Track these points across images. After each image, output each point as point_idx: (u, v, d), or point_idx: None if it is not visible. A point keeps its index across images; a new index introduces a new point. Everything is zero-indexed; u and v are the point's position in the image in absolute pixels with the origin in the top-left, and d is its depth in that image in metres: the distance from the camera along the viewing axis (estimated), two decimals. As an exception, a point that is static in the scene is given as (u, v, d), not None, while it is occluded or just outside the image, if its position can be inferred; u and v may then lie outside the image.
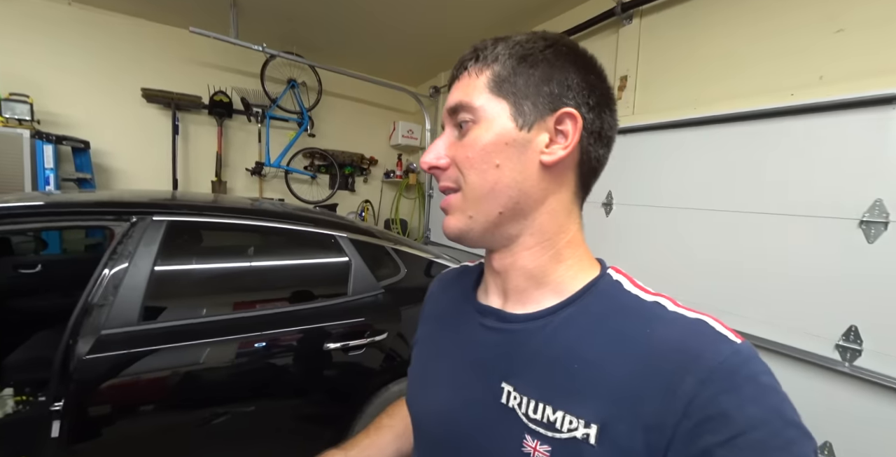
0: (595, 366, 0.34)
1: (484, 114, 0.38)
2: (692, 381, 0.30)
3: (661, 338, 0.33)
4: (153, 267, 1.12)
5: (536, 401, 0.35)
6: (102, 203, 1.19)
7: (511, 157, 0.37)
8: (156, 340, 1.07)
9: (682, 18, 1.92)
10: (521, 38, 0.39)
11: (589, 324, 0.36)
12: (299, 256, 1.51)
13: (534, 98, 0.37)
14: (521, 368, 0.38)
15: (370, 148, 4.12)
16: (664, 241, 1.85)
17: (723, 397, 0.29)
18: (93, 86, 2.84)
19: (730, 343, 0.31)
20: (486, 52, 0.39)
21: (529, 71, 0.38)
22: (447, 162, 0.40)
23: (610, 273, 0.40)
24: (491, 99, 0.38)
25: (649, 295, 0.37)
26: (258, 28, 2.91)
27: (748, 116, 1.57)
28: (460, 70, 0.40)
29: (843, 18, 1.42)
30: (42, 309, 1.67)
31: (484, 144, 0.37)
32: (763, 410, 0.28)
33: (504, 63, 0.38)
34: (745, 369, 0.30)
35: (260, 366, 1.22)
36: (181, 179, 3.15)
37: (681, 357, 0.31)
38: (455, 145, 0.39)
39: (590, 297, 0.38)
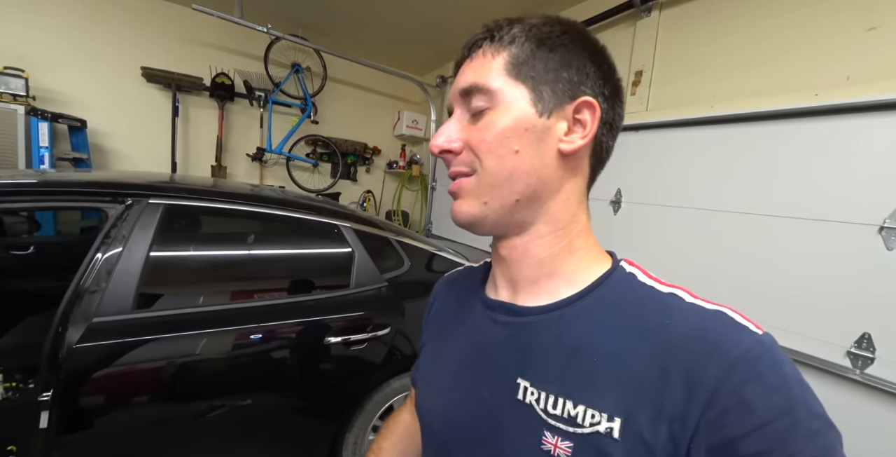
0: (615, 357, 0.33)
1: (502, 97, 0.36)
2: (715, 370, 0.29)
3: (681, 328, 0.32)
4: (148, 252, 1.07)
5: (556, 396, 0.34)
6: (96, 184, 1.13)
7: (531, 143, 0.36)
8: (150, 330, 1.02)
9: (704, 12, 1.85)
10: (537, 20, 0.38)
11: (606, 315, 0.35)
12: (301, 245, 1.46)
13: (552, 84, 0.36)
14: (538, 362, 0.37)
15: (373, 137, 4.05)
16: (674, 241, 1.81)
17: (747, 387, 0.28)
18: (91, 63, 2.75)
19: (752, 333, 0.31)
20: (501, 32, 0.37)
21: (549, 55, 0.36)
22: (460, 146, 0.38)
23: (623, 265, 0.40)
24: (508, 82, 0.36)
25: (665, 287, 0.36)
26: (264, 8, 2.82)
27: (768, 115, 1.53)
28: (472, 49, 0.38)
29: (879, 15, 1.36)
30: (35, 292, 1.62)
31: (503, 128, 0.36)
32: (787, 400, 0.28)
33: (522, 45, 0.36)
34: (768, 360, 0.29)
35: (259, 358, 1.18)
36: (180, 163, 3.07)
37: (702, 347, 0.30)
38: (468, 129, 0.38)
39: (604, 288, 0.37)
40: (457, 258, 1.80)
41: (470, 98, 0.37)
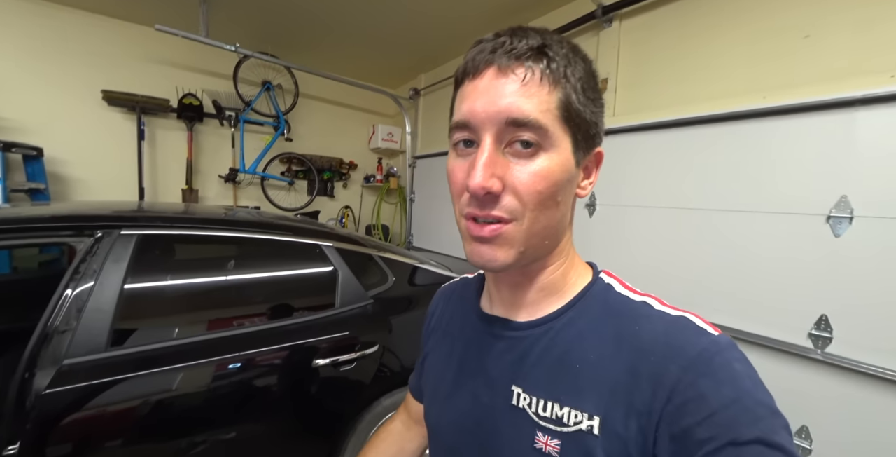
0: (594, 364, 0.37)
1: (556, 142, 0.34)
2: (675, 369, 0.33)
3: (648, 334, 0.36)
4: (122, 286, 1.03)
5: (545, 400, 0.38)
6: (61, 217, 1.08)
7: (569, 193, 0.38)
8: (127, 368, 0.97)
9: (661, 22, 1.96)
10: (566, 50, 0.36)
11: (586, 326, 0.39)
12: (282, 267, 1.43)
13: (585, 133, 0.36)
14: (529, 370, 0.40)
15: (349, 152, 4.03)
16: (646, 239, 1.88)
17: (700, 381, 0.32)
18: (47, 88, 2.64)
19: (708, 335, 0.35)
20: (557, 59, 0.34)
21: (590, 104, 0.36)
22: (500, 185, 0.34)
23: (602, 277, 0.43)
24: (560, 126, 0.34)
25: (638, 295, 0.40)
26: (231, 26, 2.79)
27: (724, 117, 1.63)
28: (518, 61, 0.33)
29: (810, 25, 1.48)
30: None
31: (557, 180, 0.35)
32: (735, 391, 0.31)
33: (577, 87, 0.35)
34: (720, 357, 0.33)
35: (243, 388, 1.13)
36: (148, 188, 2.97)
37: (666, 350, 0.34)
38: (506, 165, 0.34)
39: (586, 301, 0.41)
40: (440, 270, 1.80)
41: (519, 130, 0.34)
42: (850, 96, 1.30)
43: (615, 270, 0.45)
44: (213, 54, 2.89)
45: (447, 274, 1.79)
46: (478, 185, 0.33)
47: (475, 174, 0.33)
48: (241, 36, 2.82)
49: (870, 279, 1.24)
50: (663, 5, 1.94)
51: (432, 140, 3.66)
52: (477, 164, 0.34)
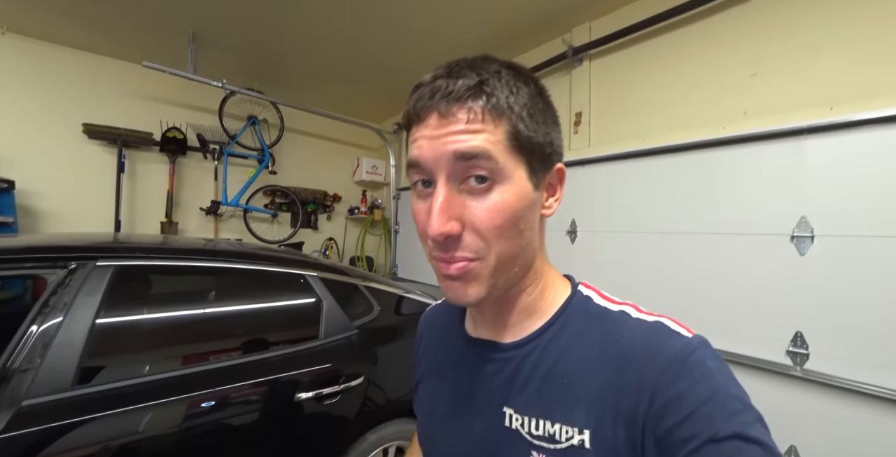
0: (580, 377, 0.37)
1: (508, 173, 0.34)
2: (654, 372, 0.34)
3: (628, 341, 0.36)
4: (94, 320, 0.98)
5: (537, 418, 0.38)
6: (33, 248, 1.05)
7: (530, 218, 0.37)
8: (94, 407, 0.91)
9: (627, 61, 2.13)
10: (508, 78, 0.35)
11: (570, 339, 0.40)
12: (265, 298, 1.40)
13: (539, 154, 0.36)
14: (519, 391, 0.40)
15: (333, 184, 4.07)
16: (623, 263, 1.94)
17: (678, 381, 0.33)
18: (24, 120, 2.61)
19: (682, 337, 0.36)
20: (496, 93, 0.34)
21: (539, 127, 0.36)
22: (460, 226, 0.34)
23: (580, 289, 0.44)
24: (510, 156, 0.34)
25: (616, 305, 0.41)
26: (218, 63, 2.88)
27: (688, 146, 1.75)
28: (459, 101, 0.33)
29: (756, 64, 1.64)
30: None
31: (514, 210, 0.34)
32: (710, 388, 0.32)
33: (522, 114, 0.34)
34: (694, 356, 0.34)
35: (223, 426, 1.07)
36: (125, 221, 2.89)
37: (644, 354, 0.35)
38: (462, 203, 0.34)
39: (567, 315, 0.41)
40: (425, 299, 1.78)
41: (470, 164, 0.33)
42: (798, 126, 1.43)
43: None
44: (199, 89, 2.94)
45: (433, 303, 1.77)
46: (436, 232, 0.33)
47: (432, 222, 0.33)
48: (228, 73, 2.91)
49: (837, 294, 1.30)
50: (626, 47, 2.13)
51: (416, 171, 3.73)
52: (433, 209, 0.34)
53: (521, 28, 2.40)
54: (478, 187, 0.34)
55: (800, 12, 1.53)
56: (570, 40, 2.33)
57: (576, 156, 2.23)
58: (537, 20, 2.31)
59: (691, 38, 1.86)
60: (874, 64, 1.36)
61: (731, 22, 1.73)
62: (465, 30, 2.42)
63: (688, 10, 1.80)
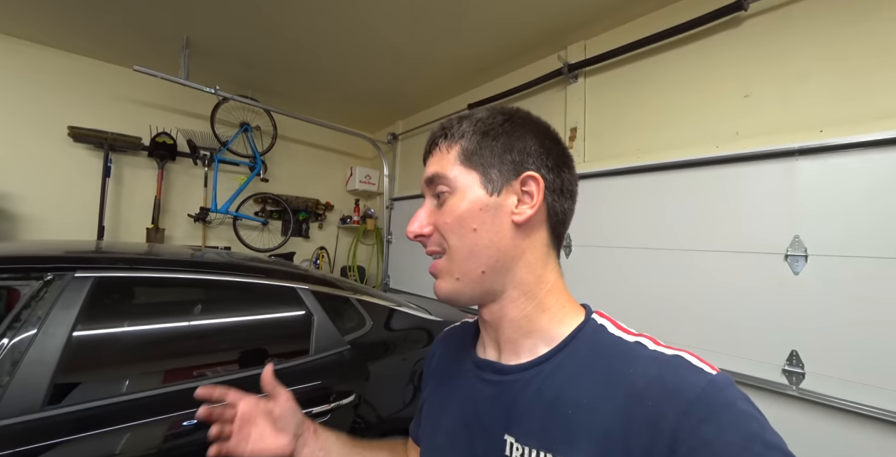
0: (586, 409, 0.36)
1: (457, 184, 0.42)
2: (673, 414, 0.31)
3: (642, 375, 0.35)
4: (70, 334, 0.92)
5: (538, 450, 0.37)
6: (6, 258, 0.99)
7: (486, 220, 0.41)
8: (66, 430, 0.85)
9: (622, 79, 2.17)
10: (482, 114, 0.44)
11: (578, 369, 0.38)
12: (253, 311, 1.34)
13: (499, 166, 0.42)
14: (521, 418, 0.39)
15: (326, 193, 4.03)
16: (617, 279, 1.93)
17: (703, 427, 0.30)
18: (5, 121, 2.54)
19: (705, 375, 0.34)
20: (453, 130, 0.44)
21: (493, 143, 0.42)
22: (430, 229, 0.44)
23: (595, 318, 0.43)
24: (462, 171, 0.42)
25: (632, 336, 0.40)
26: (211, 69, 2.85)
27: (682, 164, 1.77)
28: (433, 146, 0.45)
29: (749, 86, 1.68)
30: None
31: (461, 211, 0.41)
32: (742, 435, 0.30)
33: (470, 138, 0.43)
34: (721, 398, 0.32)
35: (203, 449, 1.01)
36: (109, 227, 2.80)
37: (661, 392, 0.33)
38: (435, 213, 0.44)
39: (577, 342, 0.40)
40: (418, 313, 1.74)
41: (434, 186, 0.44)
42: (789, 148, 1.45)
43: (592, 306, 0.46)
44: (191, 95, 2.91)
45: (426, 317, 1.74)
46: (408, 230, 0.45)
47: (411, 224, 0.44)
48: (221, 79, 2.88)
49: (831, 314, 1.30)
50: (621, 66, 2.17)
51: (410, 183, 3.73)
52: (414, 216, 0.45)
53: (516, 46, 2.44)
54: (439, 200, 0.44)
55: (788, 40, 1.58)
56: (565, 57, 2.37)
57: (570, 170, 2.24)
58: (533, 38, 2.35)
59: (685, 59, 1.91)
60: (861, 90, 1.40)
61: (724, 46, 1.77)
62: (460, 48, 2.44)
63: (680, 33, 1.85)
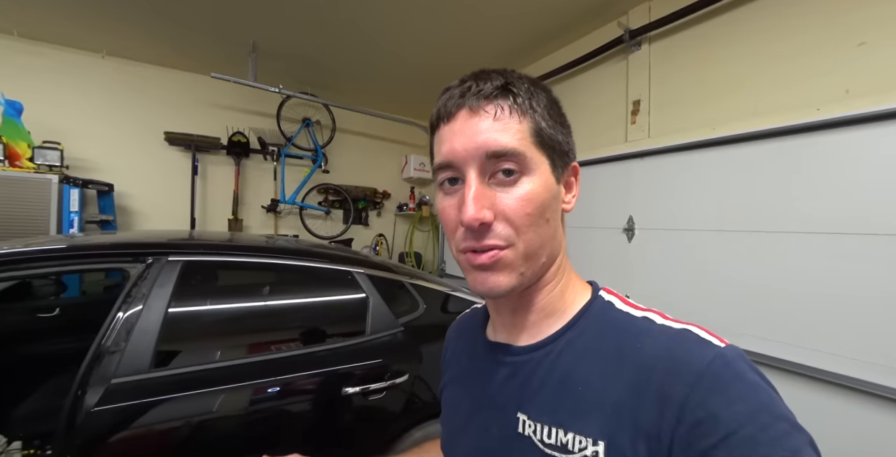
0: (596, 385, 0.36)
1: (535, 165, 0.37)
2: (681, 386, 0.31)
3: (650, 350, 0.34)
4: (167, 309, 1.08)
5: (549, 426, 0.37)
6: (119, 245, 1.18)
7: (555, 210, 0.39)
8: (167, 389, 1.00)
9: (694, 41, 1.93)
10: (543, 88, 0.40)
11: (586, 346, 0.38)
12: (316, 293, 1.46)
13: (559, 152, 0.40)
14: (532, 396, 0.40)
15: (383, 182, 4.18)
16: (690, 264, 1.77)
17: (711, 399, 0.30)
18: (119, 131, 2.97)
19: (713, 347, 0.33)
20: (520, 95, 0.37)
21: (558, 127, 0.40)
22: (492, 215, 0.36)
23: (602, 295, 0.42)
24: (536, 151, 0.37)
25: (639, 311, 0.39)
26: (275, 70, 3.06)
27: (770, 133, 1.54)
28: (487, 101, 0.37)
29: (865, 32, 1.40)
30: (59, 354, 1.62)
31: (542, 200, 0.37)
32: (750, 406, 0.29)
33: (544, 115, 0.38)
34: (730, 370, 0.31)
35: (276, 413, 1.13)
36: (199, 218, 3.19)
37: (668, 365, 0.33)
38: (493, 195, 0.36)
39: (585, 320, 0.40)
40: (472, 297, 1.76)
41: (500, 161, 0.36)
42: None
43: (656, 298, 0.43)
44: (259, 96, 3.16)
45: (478, 301, 1.75)
46: (471, 217, 0.35)
47: (467, 208, 0.35)
48: (284, 79, 3.08)
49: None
50: (693, 26, 1.93)
51: (462, 168, 3.72)
52: (467, 198, 0.36)
53: (570, 16, 2.27)
54: (507, 179, 0.36)
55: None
56: (626, 23, 2.16)
57: (633, 148, 2.07)
58: (589, 4, 2.17)
59: (777, 5, 1.63)
60: None
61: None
62: (510, 24, 2.34)
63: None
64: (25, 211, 2.25)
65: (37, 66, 2.71)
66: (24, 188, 2.26)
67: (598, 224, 2.20)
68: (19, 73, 2.65)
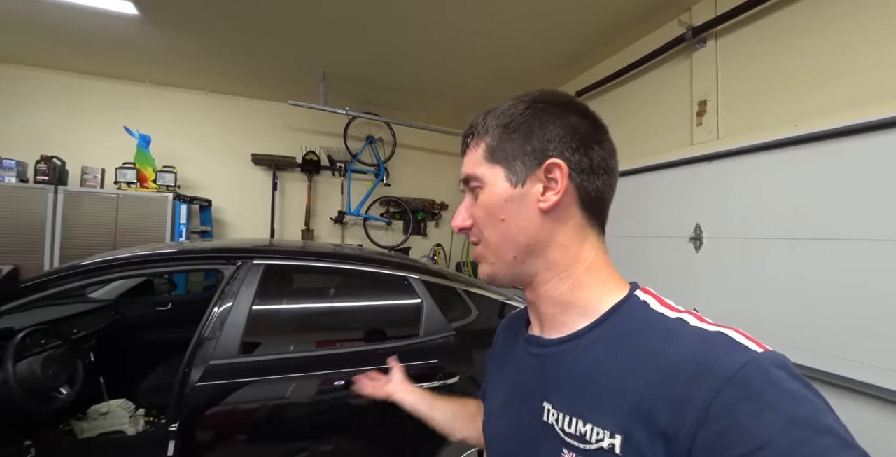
0: (618, 381, 0.36)
1: (485, 180, 0.45)
2: (705, 390, 0.30)
3: (677, 351, 0.34)
4: (251, 306, 1.26)
5: (570, 416, 0.39)
6: (217, 250, 1.40)
7: (512, 211, 0.43)
8: (251, 373, 1.17)
9: (766, 32, 1.79)
10: (505, 105, 0.46)
11: (614, 343, 0.39)
12: (375, 297, 1.58)
13: (521, 158, 0.43)
14: (557, 387, 0.42)
15: (440, 193, 4.33)
16: (765, 275, 1.60)
17: (739, 407, 0.28)
18: (216, 155, 3.48)
19: (748, 352, 0.31)
20: (478, 127, 0.47)
21: (513, 136, 0.44)
22: (471, 222, 0.47)
23: (638, 294, 0.42)
24: (488, 167, 0.45)
25: (674, 312, 0.39)
26: (342, 94, 3.37)
27: (867, 127, 1.37)
28: (464, 145, 0.48)
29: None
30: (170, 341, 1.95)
31: (489, 205, 0.45)
32: (785, 417, 0.27)
33: (493, 134, 0.45)
34: (764, 377, 0.29)
35: (338, 404, 1.25)
36: (277, 229, 3.58)
37: (693, 367, 0.32)
38: (473, 207, 0.47)
39: (615, 317, 0.41)
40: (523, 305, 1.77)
41: (469, 183, 0.47)
42: None
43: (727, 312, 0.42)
44: (329, 118, 3.51)
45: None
46: (453, 225, 0.49)
47: (454, 217, 0.49)
48: (350, 101, 3.38)
49: None
50: (767, 15, 1.78)
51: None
52: (457, 211, 0.49)
53: (627, 18, 2.23)
54: (473, 195, 0.47)
55: None
56: (688, 20, 2.07)
57: (700, 151, 1.95)
58: (649, 3, 2.11)
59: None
60: None
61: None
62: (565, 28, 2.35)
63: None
64: (148, 223, 2.73)
65: (160, 106, 3.31)
66: (148, 205, 2.75)
67: (656, 233, 2.09)
68: (148, 112, 3.25)
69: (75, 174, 2.82)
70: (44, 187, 2.60)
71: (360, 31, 2.42)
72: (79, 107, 3.12)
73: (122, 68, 3.05)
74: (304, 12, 2.24)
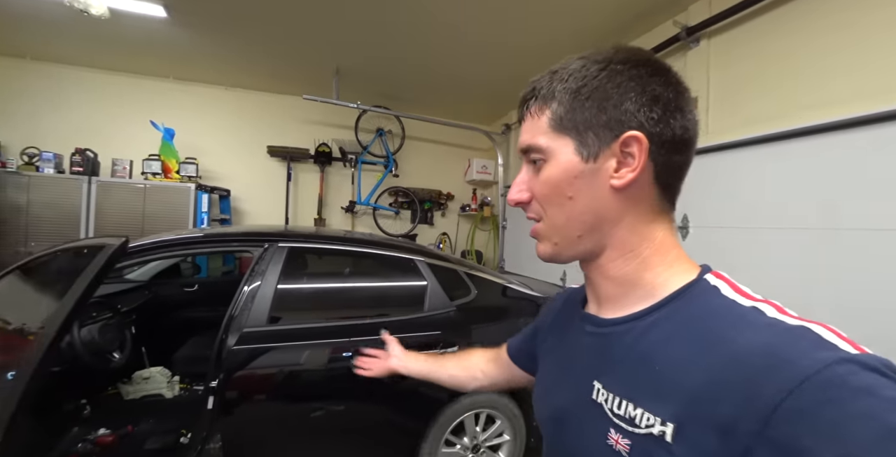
0: (676, 369, 0.34)
1: (550, 152, 0.40)
2: (775, 388, 0.27)
3: (746, 343, 0.31)
4: (277, 284, 1.44)
5: (621, 398, 0.37)
6: (247, 234, 1.59)
7: (582, 188, 0.39)
8: (278, 339, 1.37)
9: (756, 33, 1.89)
10: (575, 66, 0.40)
11: (675, 327, 0.36)
12: (384, 277, 1.76)
13: (595, 129, 0.39)
14: (610, 367, 0.40)
15: (447, 184, 4.47)
16: (752, 264, 1.73)
17: (819, 410, 0.25)
18: (235, 147, 3.67)
19: (837, 352, 0.28)
20: (543, 91, 0.41)
21: (586, 104, 0.39)
22: (529, 196, 0.43)
23: (707, 278, 0.39)
24: (554, 137, 0.40)
25: (749, 300, 0.35)
26: (354, 88, 3.51)
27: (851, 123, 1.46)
28: (524, 110, 0.43)
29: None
30: (199, 317, 2.16)
31: (556, 181, 0.40)
32: (880, 428, 0.23)
33: (560, 100, 0.40)
34: (854, 380, 0.25)
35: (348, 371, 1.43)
36: (291, 217, 3.78)
37: (764, 361, 0.29)
38: (533, 180, 0.43)
39: (680, 301, 0.38)
40: (525, 289, 1.93)
41: (528, 154, 0.43)
42: None
43: None
44: (340, 111, 3.65)
45: (526, 291, 1.92)
46: (509, 198, 0.45)
47: (510, 191, 0.45)
48: (360, 95, 3.52)
49: None
50: (759, 16, 1.87)
51: (522, 169, 3.85)
52: (513, 184, 0.45)
53: (624, 19, 2.32)
54: (535, 167, 0.43)
55: None
56: (683, 21, 2.16)
57: (689, 145, 2.06)
58: (646, 4, 2.20)
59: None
60: None
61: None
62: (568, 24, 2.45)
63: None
64: (173, 211, 2.94)
65: (184, 100, 3.51)
66: (172, 194, 2.96)
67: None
68: (172, 107, 3.45)
69: (106, 166, 3.04)
70: (78, 178, 2.82)
71: (373, 30, 2.55)
72: (109, 102, 3.33)
73: (150, 66, 3.25)
74: (322, 13, 2.39)
